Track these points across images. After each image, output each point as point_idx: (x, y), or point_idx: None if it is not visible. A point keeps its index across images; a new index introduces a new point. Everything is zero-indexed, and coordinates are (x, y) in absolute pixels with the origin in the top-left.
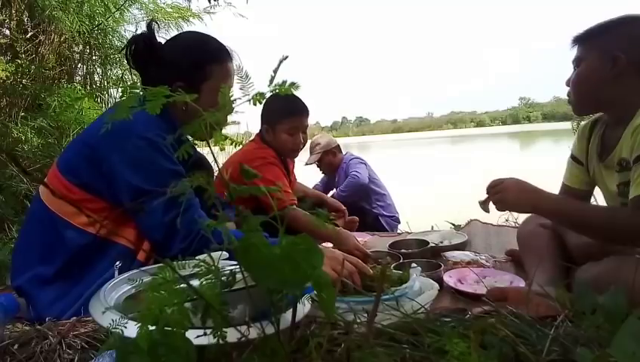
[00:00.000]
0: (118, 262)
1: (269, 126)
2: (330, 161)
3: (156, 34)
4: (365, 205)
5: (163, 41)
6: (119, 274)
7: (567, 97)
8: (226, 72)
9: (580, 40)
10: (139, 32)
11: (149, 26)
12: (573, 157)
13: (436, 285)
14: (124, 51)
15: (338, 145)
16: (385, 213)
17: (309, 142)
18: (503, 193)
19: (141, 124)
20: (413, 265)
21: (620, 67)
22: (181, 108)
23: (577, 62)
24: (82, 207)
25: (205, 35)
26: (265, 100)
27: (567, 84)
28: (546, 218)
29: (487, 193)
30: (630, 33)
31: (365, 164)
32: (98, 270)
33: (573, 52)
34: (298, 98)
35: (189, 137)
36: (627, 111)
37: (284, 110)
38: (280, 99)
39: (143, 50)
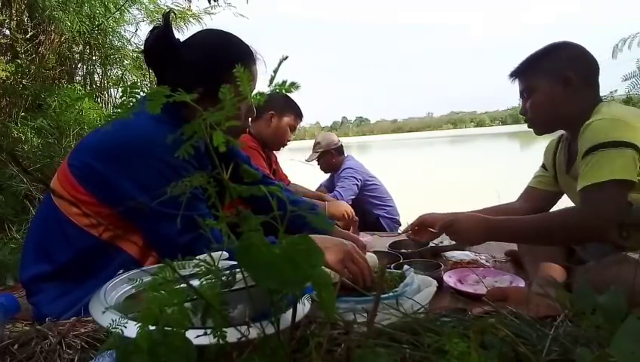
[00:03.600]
0: (121, 271)
1: (277, 112)
2: (328, 161)
3: (173, 27)
4: (365, 206)
5: (181, 39)
6: None
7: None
8: (249, 76)
9: (521, 72)
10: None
11: (165, 18)
12: (543, 166)
13: (434, 282)
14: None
15: (340, 147)
16: (386, 215)
17: (312, 141)
18: (457, 231)
19: (158, 144)
20: (406, 267)
21: (574, 84)
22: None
23: (527, 92)
24: (89, 209)
25: (228, 34)
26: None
27: (522, 114)
28: (499, 241)
29: (441, 230)
30: (568, 54)
31: (355, 177)
32: (102, 276)
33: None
34: None
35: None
36: (584, 123)
37: (295, 108)
38: (291, 98)
39: (159, 48)
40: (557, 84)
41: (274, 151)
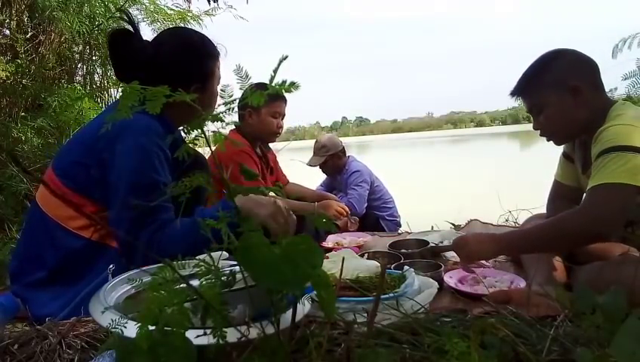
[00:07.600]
0: (111, 266)
1: (253, 110)
2: (334, 163)
3: (137, 26)
4: (367, 208)
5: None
6: (113, 277)
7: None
8: (219, 66)
9: (524, 90)
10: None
11: (126, 15)
12: (565, 155)
13: (435, 283)
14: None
15: (343, 148)
16: (387, 216)
17: (313, 141)
18: (465, 250)
19: (138, 127)
20: (406, 267)
21: (582, 93)
22: (183, 108)
23: (537, 108)
24: (82, 212)
25: (195, 32)
26: (245, 90)
27: (536, 128)
28: (511, 254)
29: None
30: (567, 63)
31: (366, 180)
32: (93, 273)
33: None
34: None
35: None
36: (597, 126)
37: (268, 96)
38: (261, 87)
39: (130, 49)
40: (565, 95)
41: (272, 150)
